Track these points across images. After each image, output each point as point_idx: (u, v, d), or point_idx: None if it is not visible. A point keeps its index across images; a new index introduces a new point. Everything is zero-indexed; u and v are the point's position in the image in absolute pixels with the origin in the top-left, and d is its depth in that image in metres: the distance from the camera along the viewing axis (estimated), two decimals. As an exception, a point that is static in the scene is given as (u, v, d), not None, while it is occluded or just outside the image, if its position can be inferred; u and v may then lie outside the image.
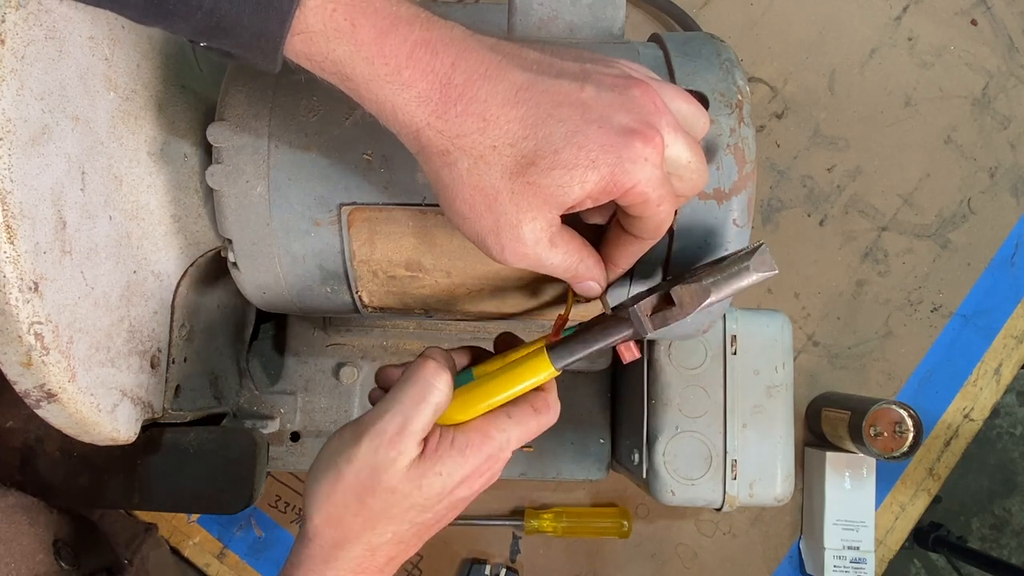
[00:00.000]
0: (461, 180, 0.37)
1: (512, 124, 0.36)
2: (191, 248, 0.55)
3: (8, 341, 0.40)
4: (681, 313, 0.41)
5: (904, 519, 0.82)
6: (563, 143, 0.35)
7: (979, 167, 0.84)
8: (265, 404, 0.70)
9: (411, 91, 0.35)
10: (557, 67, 0.37)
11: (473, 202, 0.37)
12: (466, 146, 0.36)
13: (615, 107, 0.36)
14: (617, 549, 0.80)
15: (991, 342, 0.83)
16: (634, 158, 0.36)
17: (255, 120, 0.47)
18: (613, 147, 0.35)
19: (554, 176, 0.36)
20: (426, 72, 0.35)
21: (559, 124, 0.35)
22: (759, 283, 0.41)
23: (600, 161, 0.35)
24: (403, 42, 0.35)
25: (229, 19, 0.34)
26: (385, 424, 0.41)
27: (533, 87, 0.36)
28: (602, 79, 0.37)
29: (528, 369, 0.43)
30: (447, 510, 0.44)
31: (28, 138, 0.39)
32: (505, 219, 0.37)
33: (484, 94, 0.35)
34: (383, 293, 0.52)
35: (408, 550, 0.45)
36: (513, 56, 0.37)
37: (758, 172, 0.49)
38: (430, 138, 0.36)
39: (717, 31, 0.80)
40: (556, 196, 0.36)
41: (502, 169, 0.36)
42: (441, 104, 0.35)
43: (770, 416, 0.66)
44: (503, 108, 0.35)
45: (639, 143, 0.36)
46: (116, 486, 0.56)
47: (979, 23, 0.85)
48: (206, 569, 0.78)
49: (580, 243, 0.41)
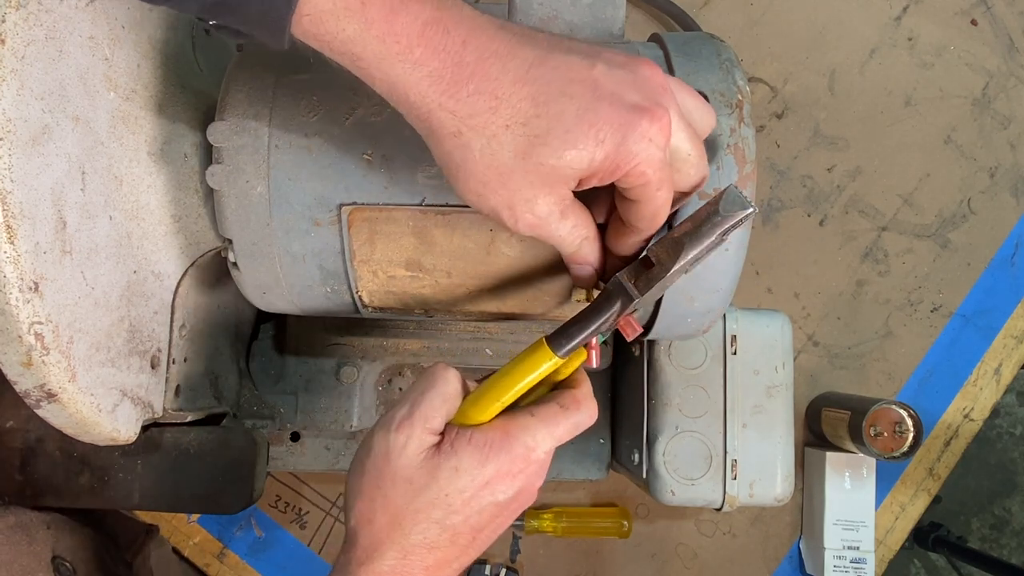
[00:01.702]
0: (474, 160, 0.37)
1: (524, 102, 0.36)
2: (191, 248, 0.55)
3: (8, 341, 0.40)
4: (662, 270, 0.41)
5: (904, 519, 0.82)
6: (574, 121, 0.36)
7: (979, 167, 0.84)
8: (265, 404, 0.70)
9: (423, 70, 0.35)
10: (567, 45, 0.37)
11: (487, 180, 0.37)
12: (478, 126, 0.36)
13: (626, 84, 0.37)
14: (617, 549, 0.80)
15: (991, 342, 0.83)
16: (640, 136, 0.36)
17: (255, 120, 0.47)
18: (622, 125, 0.36)
19: (566, 155, 0.36)
20: (438, 50, 0.35)
21: (570, 101, 0.36)
22: (736, 225, 0.40)
23: (608, 139, 0.36)
24: (414, 20, 0.34)
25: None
26: (394, 413, 0.42)
27: (544, 64, 0.36)
28: (612, 57, 0.37)
29: (531, 361, 0.43)
30: (478, 515, 0.42)
31: (28, 138, 0.39)
32: (520, 195, 0.37)
33: (496, 72, 0.35)
34: (383, 293, 0.52)
35: (445, 562, 0.42)
36: (523, 35, 0.37)
37: (758, 172, 0.49)
38: (441, 120, 0.36)
39: (717, 31, 0.81)
40: (567, 173, 0.37)
41: (515, 148, 0.36)
42: (453, 83, 0.35)
43: (770, 416, 0.66)
44: (515, 86, 0.36)
45: (646, 121, 0.36)
46: (116, 486, 0.56)
47: (979, 23, 0.85)
48: (206, 569, 0.78)
49: (588, 218, 0.41)
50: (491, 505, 0.42)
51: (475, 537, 0.43)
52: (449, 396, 0.42)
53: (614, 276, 0.42)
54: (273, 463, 0.72)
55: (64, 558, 0.55)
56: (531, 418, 0.42)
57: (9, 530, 0.52)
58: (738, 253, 0.47)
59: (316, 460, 0.72)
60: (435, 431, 0.42)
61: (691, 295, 0.49)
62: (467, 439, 0.41)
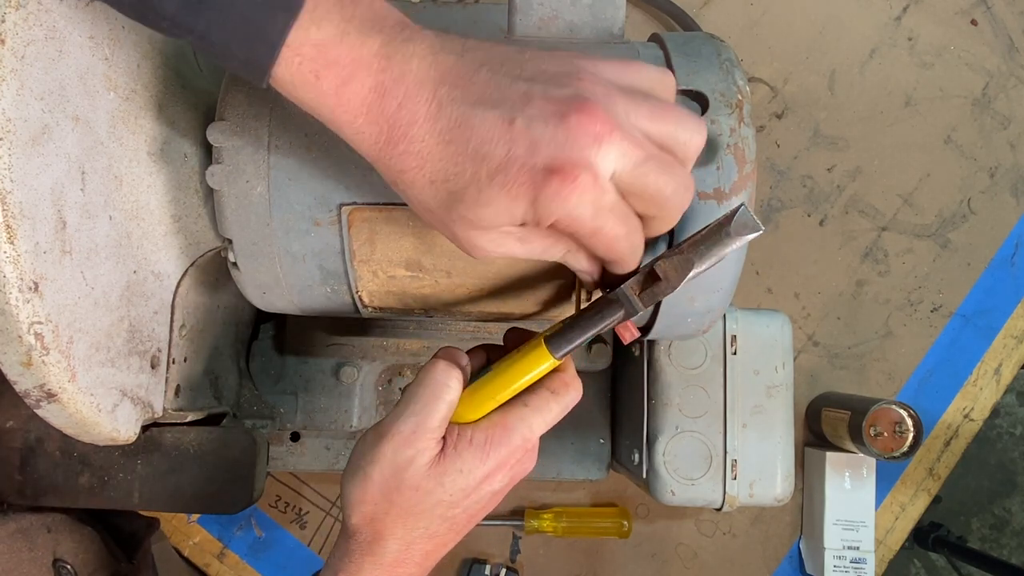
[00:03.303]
0: (414, 204, 0.40)
1: (444, 162, 0.37)
2: (191, 248, 0.55)
3: (8, 341, 0.40)
4: (668, 287, 0.41)
5: (904, 519, 0.82)
6: (486, 182, 0.37)
7: (979, 167, 0.84)
8: (265, 404, 0.70)
9: (363, 136, 0.38)
10: (499, 95, 0.37)
11: (429, 221, 0.40)
12: (408, 180, 0.39)
13: (542, 143, 0.36)
14: (617, 549, 0.80)
15: (991, 342, 0.83)
16: (551, 197, 0.36)
17: (255, 120, 0.47)
18: (531, 185, 0.36)
19: (481, 212, 0.37)
20: (376, 118, 0.37)
21: (483, 163, 0.37)
22: (744, 245, 0.41)
23: (520, 197, 0.37)
24: (359, 89, 0.37)
25: (219, 46, 0.36)
26: (401, 425, 0.43)
27: (465, 123, 0.37)
28: (543, 106, 0.36)
29: (529, 362, 0.44)
30: (476, 505, 0.45)
31: (28, 138, 0.39)
32: (462, 233, 0.39)
33: (423, 134, 0.37)
34: (383, 293, 0.52)
35: (443, 545, 0.46)
36: (459, 86, 0.37)
37: (758, 172, 0.49)
38: (382, 171, 0.40)
39: (717, 31, 0.81)
40: (493, 223, 0.38)
41: (439, 202, 0.38)
42: (388, 144, 0.38)
43: (770, 416, 0.66)
44: (437, 147, 0.37)
45: (556, 182, 0.36)
46: (116, 486, 0.56)
47: (979, 23, 0.85)
48: (206, 569, 0.78)
49: (560, 234, 0.40)
50: (489, 494, 0.45)
51: (471, 521, 0.46)
52: (453, 402, 0.44)
53: (620, 288, 0.42)
54: (273, 463, 0.72)
55: (65, 561, 0.55)
56: (525, 408, 0.45)
57: (10, 537, 0.52)
58: (738, 253, 0.47)
59: (316, 460, 0.72)
60: (440, 438, 0.44)
61: (691, 295, 0.49)
62: (468, 440, 0.44)
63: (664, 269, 0.41)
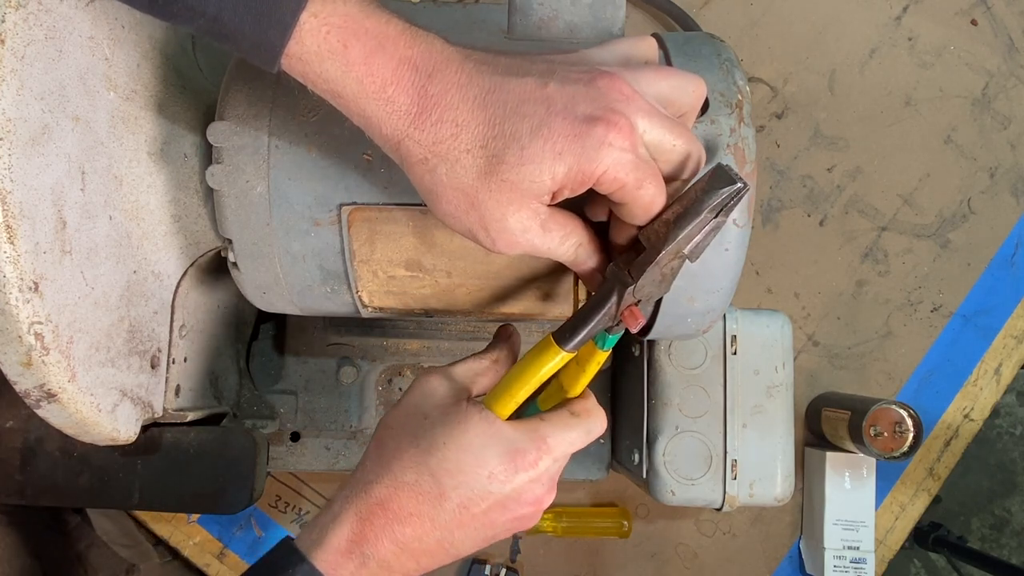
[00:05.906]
0: (443, 184, 0.39)
1: (481, 126, 0.38)
2: (191, 248, 0.55)
3: (8, 341, 0.40)
4: (652, 253, 0.40)
5: (904, 519, 0.82)
6: (529, 138, 0.37)
7: (979, 167, 0.84)
8: (265, 404, 0.70)
9: (394, 106, 0.38)
10: (525, 68, 0.39)
11: (457, 202, 0.39)
12: (442, 152, 0.38)
13: (579, 98, 0.38)
14: (617, 549, 0.80)
15: (991, 342, 0.83)
16: (598, 144, 0.37)
17: (255, 120, 0.47)
18: (577, 136, 0.37)
19: (524, 171, 0.37)
20: (407, 87, 0.37)
21: (524, 120, 0.37)
22: (728, 202, 0.39)
23: (566, 151, 0.37)
24: (389, 60, 0.37)
25: (231, 28, 0.36)
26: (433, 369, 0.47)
27: (500, 89, 0.38)
28: (567, 74, 0.39)
29: (540, 358, 0.44)
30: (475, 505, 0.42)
31: (28, 138, 0.39)
32: (489, 215, 0.39)
33: (456, 101, 0.38)
34: (383, 293, 0.52)
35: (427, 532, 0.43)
36: (484, 63, 0.39)
37: (758, 172, 0.49)
38: (409, 148, 0.38)
39: (717, 31, 0.80)
40: (530, 188, 0.38)
41: (476, 170, 0.38)
42: (419, 115, 0.38)
43: (770, 416, 0.66)
44: (473, 112, 0.38)
45: (601, 129, 0.37)
46: (116, 486, 0.56)
47: (979, 23, 0.85)
48: (206, 569, 0.78)
49: (576, 224, 0.42)
50: (495, 503, 0.43)
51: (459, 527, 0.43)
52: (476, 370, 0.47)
53: (609, 266, 0.42)
54: (273, 463, 0.72)
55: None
56: (540, 422, 0.44)
57: None
58: (738, 253, 0.47)
59: (316, 460, 0.72)
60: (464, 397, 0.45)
61: (691, 295, 0.49)
62: (481, 413, 0.44)
63: (646, 236, 0.41)
